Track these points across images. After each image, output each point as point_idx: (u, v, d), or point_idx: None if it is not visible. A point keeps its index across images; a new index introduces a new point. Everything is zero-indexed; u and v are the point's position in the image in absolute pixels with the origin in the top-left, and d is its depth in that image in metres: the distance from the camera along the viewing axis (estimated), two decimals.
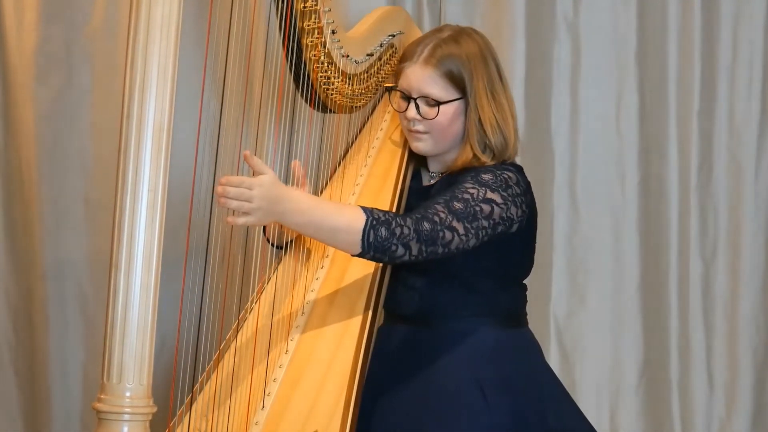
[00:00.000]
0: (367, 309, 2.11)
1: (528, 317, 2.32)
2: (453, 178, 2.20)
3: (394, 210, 2.24)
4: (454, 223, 2.04)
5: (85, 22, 2.95)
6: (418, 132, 2.25)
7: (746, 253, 3.03)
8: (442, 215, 2.03)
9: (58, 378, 2.99)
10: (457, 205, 2.06)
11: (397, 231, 1.99)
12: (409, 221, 2.01)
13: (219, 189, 1.88)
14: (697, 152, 3.03)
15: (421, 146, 2.27)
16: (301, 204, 1.97)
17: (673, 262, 3.03)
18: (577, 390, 2.99)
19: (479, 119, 2.20)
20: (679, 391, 3.03)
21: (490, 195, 2.09)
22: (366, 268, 2.16)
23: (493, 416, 2.12)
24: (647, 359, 3.05)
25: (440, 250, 2.03)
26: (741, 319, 3.04)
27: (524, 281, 2.29)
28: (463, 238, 2.05)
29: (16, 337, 3.04)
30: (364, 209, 1.99)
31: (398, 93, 2.27)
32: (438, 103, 2.20)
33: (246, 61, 2.04)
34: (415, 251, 2.01)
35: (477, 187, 2.09)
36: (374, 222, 1.98)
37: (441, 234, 2.02)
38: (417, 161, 2.37)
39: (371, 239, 1.97)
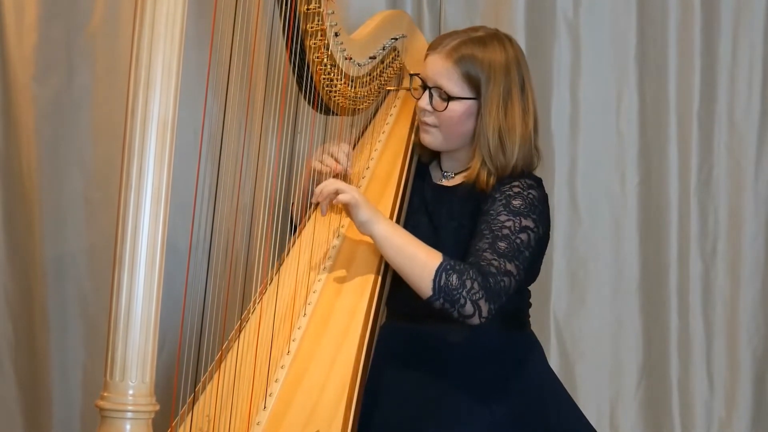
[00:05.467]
0: (369, 309, 2.11)
1: (529, 318, 2.33)
2: (480, 197, 2.21)
3: (396, 212, 2.25)
4: (508, 266, 2.08)
5: (85, 22, 2.95)
6: (427, 124, 2.27)
7: (746, 253, 3.03)
8: (495, 263, 2.07)
9: (58, 377, 2.99)
10: (502, 245, 2.09)
11: (468, 284, 2.03)
12: (478, 277, 2.04)
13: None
14: (697, 152, 3.03)
15: (428, 139, 2.29)
16: (392, 222, 2.13)
17: (673, 262, 3.03)
18: (577, 390, 3.00)
19: (485, 125, 2.20)
20: (679, 391, 3.03)
21: (524, 222, 2.13)
22: (368, 268, 2.16)
23: (495, 416, 2.13)
24: (647, 359, 3.05)
25: (503, 299, 2.08)
26: (741, 319, 3.04)
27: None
28: (517, 277, 2.10)
29: (16, 337, 3.04)
30: (444, 255, 2.06)
31: (418, 80, 2.29)
32: (449, 98, 2.21)
33: (249, 62, 2.04)
34: (485, 312, 2.05)
35: (512, 218, 2.13)
36: (448, 266, 2.03)
37: (502, 283, 2.06)
38: (429, 156, 2.37)
39: (442, 282, 2.03)
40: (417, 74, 2.32)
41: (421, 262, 2.06)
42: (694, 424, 3.03)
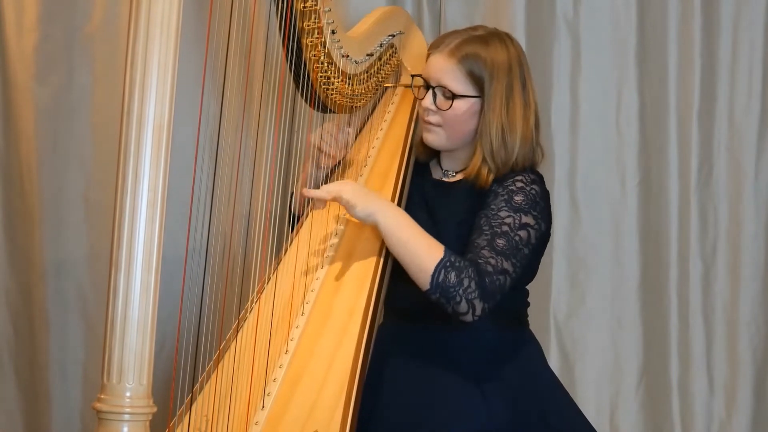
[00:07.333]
0: (367, 308, 2.10)
1: (528, 318, 2.32)
2: (481, 192, 2.21)
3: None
4: (504, 265, 2.08)
5: (85, 22, 2.96)
6: (431, 123, 2.27)
7: (746, 253, 3.03)
8: (493, 261, 2.07)
9: (58, 378, 2.99)
10: (500, 242, 2.09)
11: (465, 282, 2.03)
12: (475, 276, 2.04)
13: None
14: (697, 152, 3.02)
15: (431, 138, 2.29)
16: (399, 209, 2.13)
17: (673, 262, 3.03)
18: (577, 390, 2.99)
19: (488, 122, 2.20)
20: (679, 392, 3.03)
21: (524, 219, 2.13)
22: (366, 267, 2.16)
23: (493, 415, 2.13)
24: (647, 359, 3.05)
25: (498, 297, 2.08)
26: (741, 319, 3.03)
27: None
28: (513, 275, 2.10)
29: (16, 337, 3.04)
30: (446, 249, 2.06)
31: (420, 80, 2.29)
32: (453, 96, 2.21)
33: (246, 61, 2.04)
34: (479, 311, 2.05)
35: (512, 214, 2.13)
36: (448, 263, 2.04)
37: (497, 282, 2.07)
38: (428, 155, 2.37)
39: (440, 279, 2.03)
40: (419, 75, 2.32)
41: (422, 255, 2.06)
42: (694, 424, 3.03)
